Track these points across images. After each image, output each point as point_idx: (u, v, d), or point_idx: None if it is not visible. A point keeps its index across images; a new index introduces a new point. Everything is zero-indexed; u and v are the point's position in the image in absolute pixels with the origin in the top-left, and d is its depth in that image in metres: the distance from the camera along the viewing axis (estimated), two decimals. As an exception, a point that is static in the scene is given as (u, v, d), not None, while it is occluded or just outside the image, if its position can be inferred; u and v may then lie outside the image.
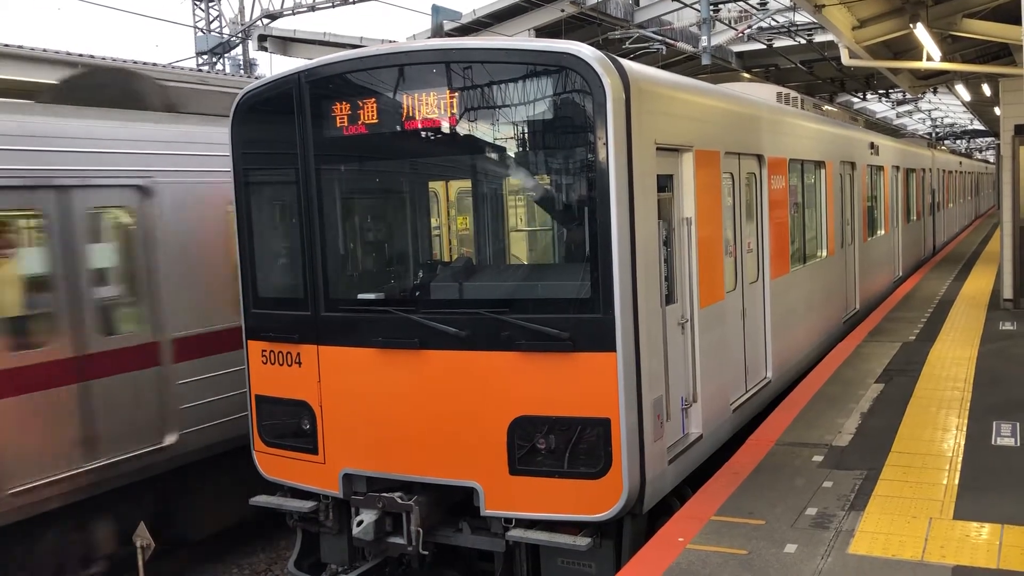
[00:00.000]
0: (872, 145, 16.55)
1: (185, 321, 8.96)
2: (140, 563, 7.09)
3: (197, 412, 9.04)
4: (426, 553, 6.76)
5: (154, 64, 10.48)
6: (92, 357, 8.08)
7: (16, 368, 7.51)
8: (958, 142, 61.58)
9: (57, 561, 8.02)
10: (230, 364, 9.16)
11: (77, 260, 8.01)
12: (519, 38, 17.52)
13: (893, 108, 41.56)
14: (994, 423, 8.62)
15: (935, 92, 29.69)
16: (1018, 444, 7.98)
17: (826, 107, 16.23)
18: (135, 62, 14.14)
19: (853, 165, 14.57)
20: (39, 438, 7.63)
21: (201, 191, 9.24)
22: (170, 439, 8.75)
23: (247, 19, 26.21)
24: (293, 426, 7.32)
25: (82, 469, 7.94)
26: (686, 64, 21.68)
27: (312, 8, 23.72)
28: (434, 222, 8.16)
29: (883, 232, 17.64)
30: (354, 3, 23.20)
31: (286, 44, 23.62)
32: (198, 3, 29.35)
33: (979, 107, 31.63)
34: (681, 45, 19.51)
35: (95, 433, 8.07)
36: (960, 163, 37.30)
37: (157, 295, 8.73)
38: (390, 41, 17.21)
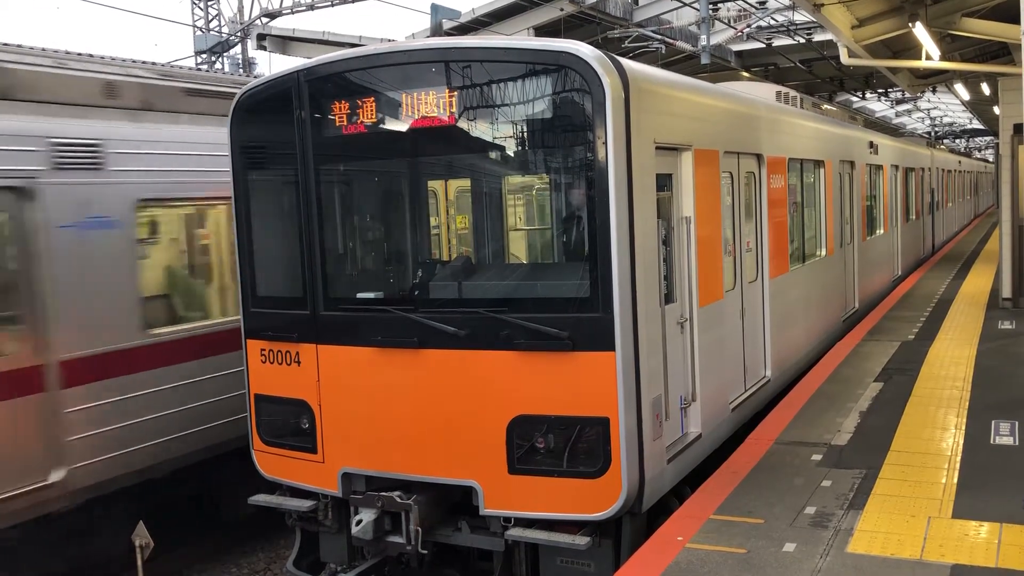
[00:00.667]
0: (871, 144, 16.55)
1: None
2: (139, 562, 7.08)
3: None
4: (425, 552, 6.76)
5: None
6: None
7: None
8: (957, 141, 61.60)
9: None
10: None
11: None
12: (518, 37, 17.51)
13: (892, 107, 41.56)
14: (993, 422, 8.62)
15: (934, 91, 29.70)
16: (1017, 443, 7.99)
17: (825, 106, 16.23)
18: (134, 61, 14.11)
19: (852, 164, 14.57)
20: None
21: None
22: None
23: (246, 18, 26.19)
24: (292, 425, 7.32)
25: None
26: (685, 63, 21.67)
27: (311, 7, 23.70)
28: (433, 221, 8.15)
29: (882, 231, 17.65)
30: (353, 2, 23.20)
31: (285, 43, 23.59)
32: (197, 2, 29.34)
33: (978, 106, 31.66)
34: (680, 44, 19.49)
35: None
36: (959, 162, 37.32)
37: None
38: (389, 40, 17.21)
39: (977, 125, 49.72)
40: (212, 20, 29.10)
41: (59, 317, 7.91)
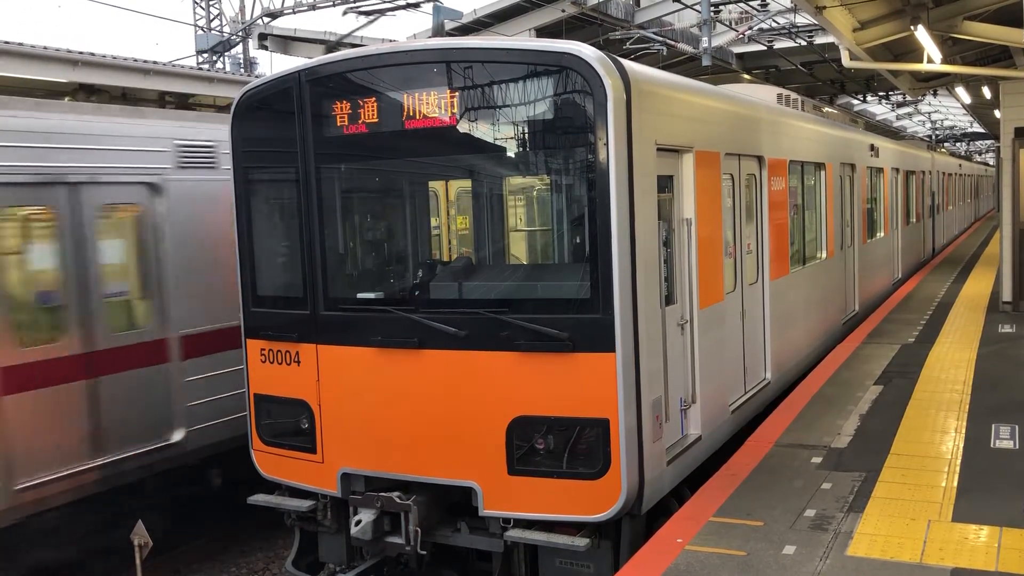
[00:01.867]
0: (872, 147, 16.55)
1: None
2: (138, 561, 7.07)
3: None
4: (424, 553, 6.75)
5: None
6: None
7: None
8: (958, 144, 61.56)
9: None
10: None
11: None
12: (520, 38, 17.52)
13: (893, 110, 41.51)
14: (993, 425, 8.62)
15: (935, 94, 29.65)
16: (1017, 446, 7.98)
17: (826, 109, 16.23)
18: (135, 60, 14.17)
19: (853, 167, 14.57)
20: None
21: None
22: None
23: (248, 17, 26.18)
24: (292, 425, 7.31)
25: None
26: (687, 65, 21.66)
27: (313, 7, 23.69)
28: (434, 222, 8.15)
29: (883, 234, 17.64)
30: (355, 1, 23.16)
31: (286, 43, 23.58)
32: (199, 1, 29.35)
33: (979, 110, 31.63)
34: (682, 46, 19.48)
35: None
36: (960, 165, 37.32)
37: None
38: (391, 40, 17.21)
39: (978, 128, 49.66)
40: (213, 19, 29.12)
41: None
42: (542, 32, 18.98)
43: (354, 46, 14.89)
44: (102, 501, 8.67)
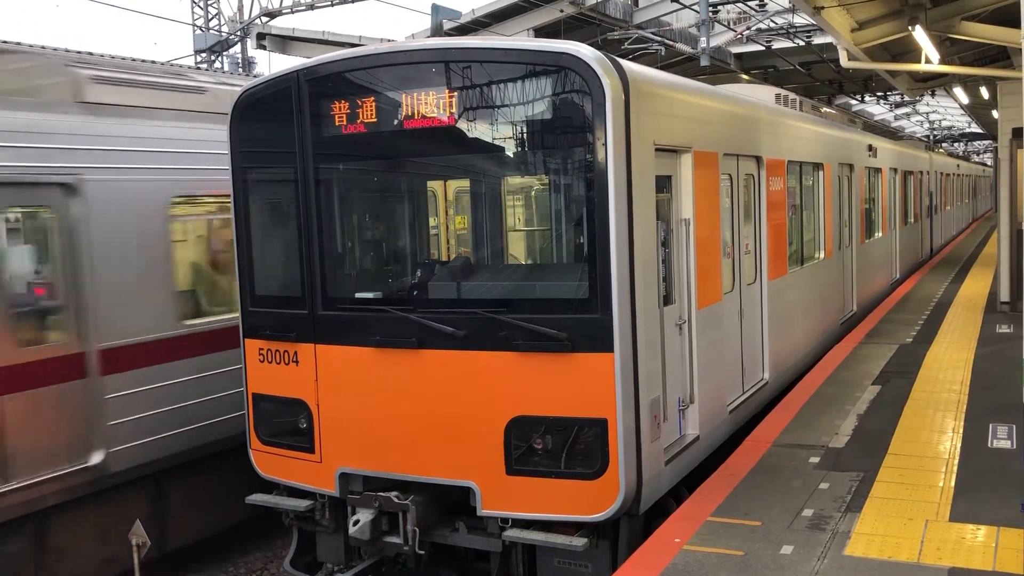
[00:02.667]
0: (870, 147, 16.56)
1: None
2: (136, 562, 7.07)
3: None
4: (422, 553, 6.76)
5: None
6: None
7: None
8: (956, 145, 61.62)
9: None
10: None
11: None
12: (518, 38, 17.51)
13: (891, 110, 41.55)
14: (990, 425, 8.63)
15: (933, 95, 29.66)
16: (1014, 446, 7.99)
17: (824, 109, 16.24)
18: (133, 59, 14.15)
19: (851, 167, 14.58)
20: None
21: None
22: None
23: (246, 17, 26.17)
24: (290, 425, 7.31)
25: None
26: (685, 65, 21.67)
27: (311, 7, 23.68)
28: (432, 221, 8.15)
29: (881, 234, 17.66)
30: (353, 2, 23.19)
31: (285, 43, 23.57)
32: (197, 1, 29.33)
33: (977, 110, 31.66)
34: (680, 46, 19.49)
35: None
36: (958, 166, 37.35)
37: None
38: (389, 40, 17.20)
39: (976, 129, 49.71)
40: (212, 19, 29.11)
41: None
42: (540, 32, 18.98)
43: (353, 46, 14.87)
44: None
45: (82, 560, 8.35)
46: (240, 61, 28.46)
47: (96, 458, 8.20)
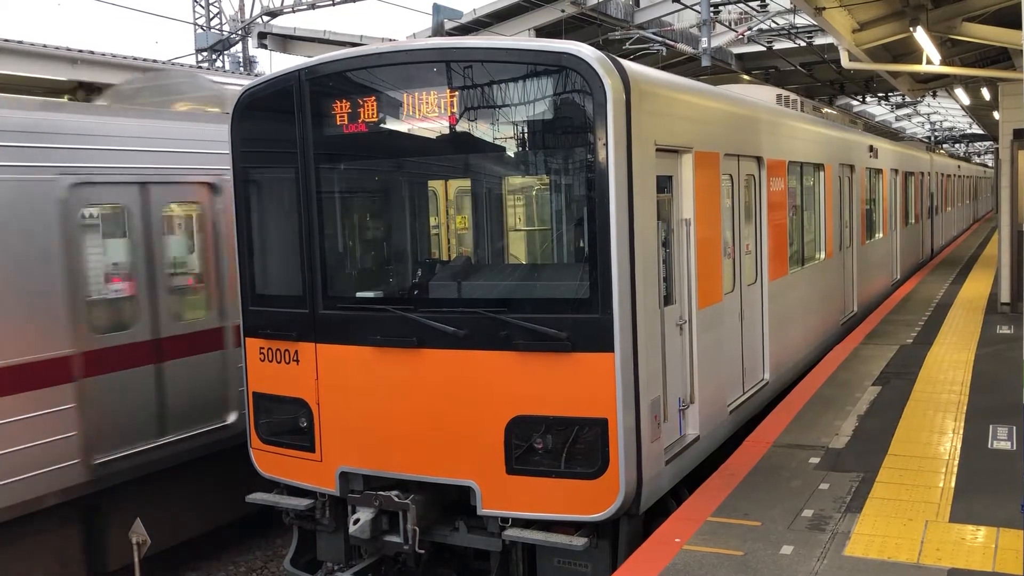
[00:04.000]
0: (871, 148, 16.57)
1: None
2: (136, 559, 7.08)
3: None
4: (422, 552, 6.76)
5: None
6: None
7: None
8: (957, 146, 61.60)
9: None
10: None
11: None
12: (519, 38, 17.52)
13: (892, 111, 41.55)
14: (990, 426, 8.63)
15: (934, 95, 29.67)
16: (1014, 447, 8.00)
17: (825, 110, 16.24)
18: (135, 59, 14.19)
19: (852, 168, 14.58)
20: None
21: None
22: None
23: (247, 16, 26.19)
24: (290, 424, 7.32)
25: None
26: (686, 65, 21.67)
27: (312, 6, 23.68)
28: (433, 221, 8.16)
29: (881, 235, 17.66)
30: (354, 1, 23.19)
31: (286, 42, 23.59)
32: (198, 0, 29.33)
33: (978, 111, 31.66)
34: (681, 46, 19.50)
35: None
36: (959, 167, 37.35)
37: None
38: (390, 40, 17.21)
39: (977, 130, 49.70)
40: (213, 18, 29.10)
41: None
42: (541, 32, 18.99)
43: (354, 45, 14.87)
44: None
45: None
46: (241, 60, 28.46)
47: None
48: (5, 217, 7.60)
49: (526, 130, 6.57)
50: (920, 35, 13.00)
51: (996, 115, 20.83)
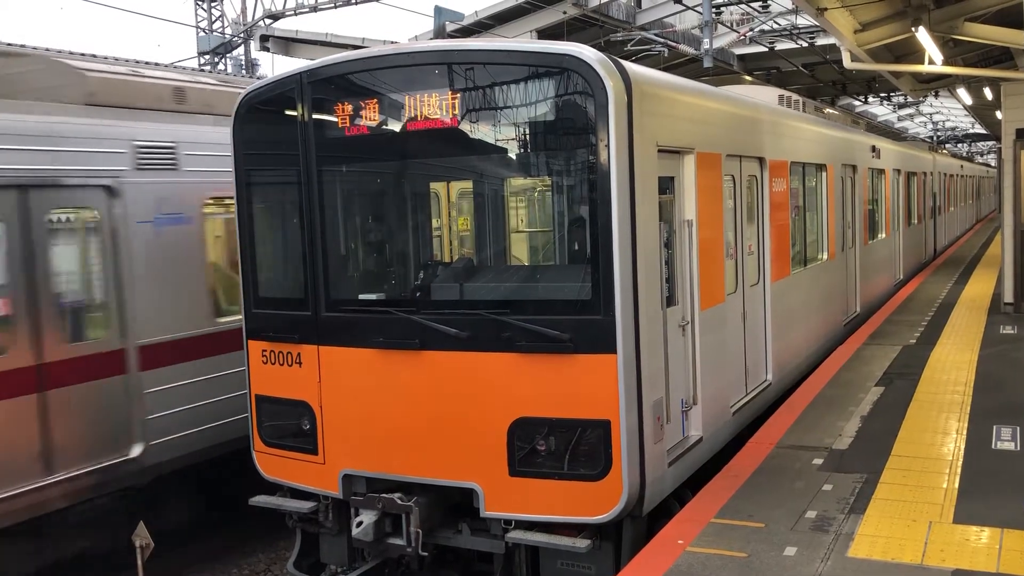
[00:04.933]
0: (873, 148, 16.55)
1: None
2: (139, 563, 7.08)
3: None
4: (425, 554, 6.75)
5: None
6: None
7: None
8: (959, 146, 61.53)
9: None
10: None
11: None
12: (521, 40, 17.52)
13: (894, 111, 41.52)
14: (994, 427, 8.61)
15: (936, 96, 29.63)
16: (1018, 448, 7.98)
17: (827, 110, 16.23)
18: (136, 62, 14.18)
19: (854, 168, 14.57)
20: None
21: None
22: None
23: (249, 19, 26.22)
24: (293, 426, 7.32)
25: None
26: (688, 66, 21.68)
27: (314, 9, 23.72)
28: (435, 223, 8.15)
29: (884, 235, 17.64)
30: (356, 4, 23.21)
31: (288, 44, 23.63)
32: (200, 3, 29.35)
33: (981, 111, 31.62)
34: (683, 47, 19.49)
35: None
36: (961, 167, 37.30)
37: None
38: (392, 42, 17.21)
39: (979, 130, 49.67)
40: (215, 21, 29.13)
41: None
42: (543, 34, 19.00)
43: (356, 48, 14.88)
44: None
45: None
46: (243, 63, 28.50)
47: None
48: None
49: (528, 132, 6.57)
50: (922, 35, 12.99)
51: (999, 115, 20.80)
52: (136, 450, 8.69)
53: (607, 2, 18.82)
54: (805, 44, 21.74)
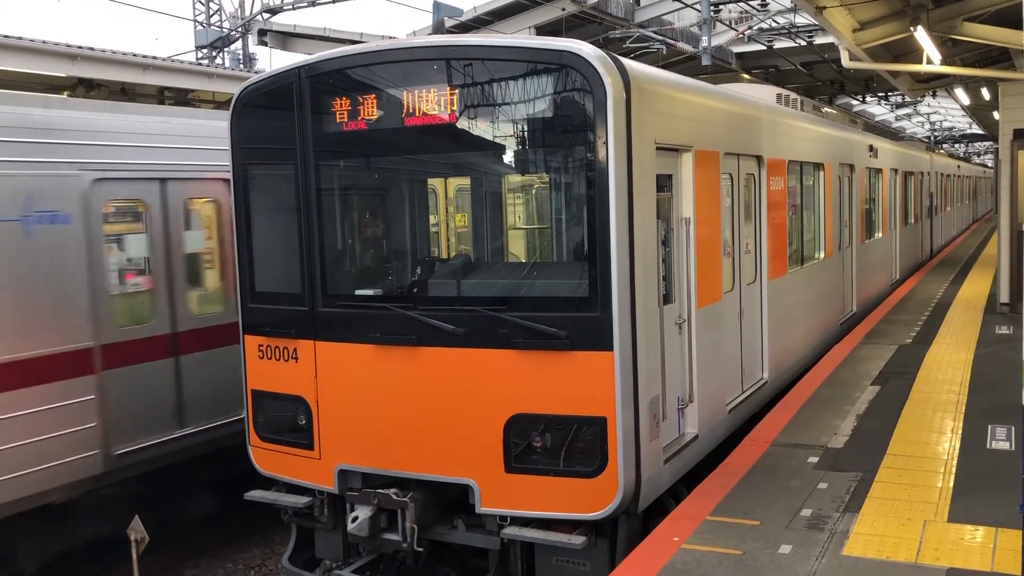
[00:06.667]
0: (871, 148, 16.56)
1: None
2: (134, 557, 7.07)
3: None
4: (421, 550, 6.76)
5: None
6: None
7: None
8: (957, 146, 61.59)
9: None
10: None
11: None
12: (520, 36, 17.50)
13: (892, 111, 41.53)
14: (989, 426, 8.63)
15: (934, 95, 29.64)
16: (1013, 447, 8.00)
17: (825, 109, 16.24)
18: (134, 55, 14.17)
19: (852, 167, 14.58)
20: None
21: None
22: None
23: (247, 13, 26.17)
24: (289, 421, 7.32)
25: None
26: (686, 64, 21.65)
27: (313, 3, 23.67)
28: (432, 219, 8.15)
29: (881, 234, 17.66)
30: (354, -1, 23.12)
31: (286, 39, 23.53)
32: (198, -3, 29.25)
33: (978, 111, 31.66)
34: (681, 45, 19.47)
35: None
36: (958, 167, 37.35)
37: None
38: (391, 37, 17.19)
39: (977, 130, 49.71)
40: (213, 15, 29.05)
41: None
42: (542, 30, 18.96)
43: (354, 42, 14.87)
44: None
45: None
46: (241, 57, 28.43)
47: None
48: None
49: (526, 128, 6.57)
50: (920, 35, 12.99)
51: (996, 115, 20.83)
52: None
53: (606, -1, 18.79)
54: (803, 43, 21.72)
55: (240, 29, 26.52)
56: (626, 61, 6.50)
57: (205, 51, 26.85)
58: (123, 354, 8.80)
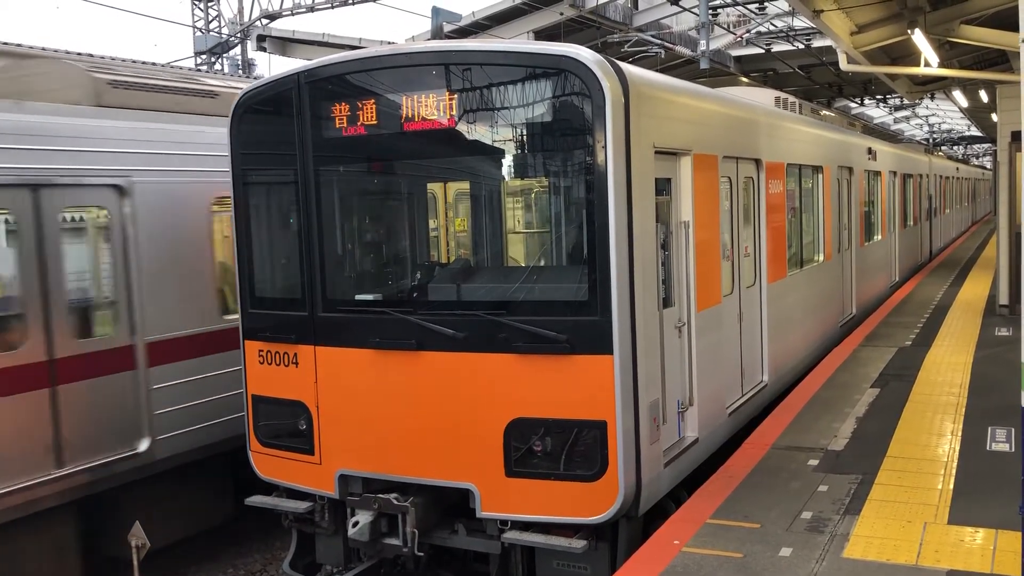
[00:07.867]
0: (869, 150, 16.58)
1: None
2: (135, 563, 7.07)
3: None
4: (421, 555, 6.76)
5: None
6: None
7: None
8: (955, 148, 61.66)
9: None
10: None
11: None
12: (518, 41, 17.52)
13: (891, 113, 41.58)
14: (989, 428, 8.64)
15: (932, 98, 29.69)
16: (1013, 449, 8.00)
17: (824, 112, 16.26)
18: (133, 61, 14.15)
19: (850, 170, 14.60)
20: None
21: None
22: None
23: (246, 19, 26.20)
24: (289, 426, 7.32)
25: None
26: (684, 68, 21.69)
27: (311, 9, 23.70)
28: (432, 223, 8.16)
29: (880, 237, 17.68)
30: (353, 4, 23.20)
31: (285, 45, 23.59)
32: (197, 3, 29.31)
33: (976, 113, 31.72)
34: (680, 49, 19.51)
35: None
36: (957, 169, 37.38)
37: None
38: (389, 43, 17.22)
39: (975, 132, 49.79)
40: (212, 21, 29.09)
41: None
42: (540, 35, 19.00)
43: (353, 48, 14.89)
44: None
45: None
46: (240, 63, 28.46)
47: None
48: None
49: (525, 133, 6.58)
50: (918, 38, 13.02)
51: (994, 117, 20.85)
52: None
53: (604, 3, 18.82)
54: (801, 46, 21.76)
55: (239, 35, 26.55)
56: (624, 65, 6.52)
57: (204, 57, 26.89)
58: None
